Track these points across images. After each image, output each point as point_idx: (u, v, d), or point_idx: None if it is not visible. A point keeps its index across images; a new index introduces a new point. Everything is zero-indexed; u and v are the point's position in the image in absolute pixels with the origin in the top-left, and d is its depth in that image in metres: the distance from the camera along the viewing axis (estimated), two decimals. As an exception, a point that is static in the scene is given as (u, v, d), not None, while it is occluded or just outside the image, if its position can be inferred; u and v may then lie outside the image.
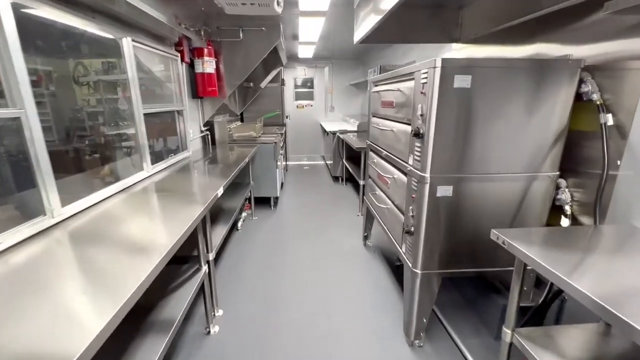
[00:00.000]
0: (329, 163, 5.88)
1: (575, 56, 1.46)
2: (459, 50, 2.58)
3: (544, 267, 0.92)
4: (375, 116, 2.36)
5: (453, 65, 1.31)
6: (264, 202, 4.03)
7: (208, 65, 2.99)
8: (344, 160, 4.79)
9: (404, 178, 1.73)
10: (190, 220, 1.36)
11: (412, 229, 1.59)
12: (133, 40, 1.98)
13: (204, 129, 3.48)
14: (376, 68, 3.88)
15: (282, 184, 4.74)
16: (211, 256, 1.87)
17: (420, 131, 1.46)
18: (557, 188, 1.52)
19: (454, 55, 2.64)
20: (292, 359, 1.69)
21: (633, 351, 1.10)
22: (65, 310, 0.80)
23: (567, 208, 1.49)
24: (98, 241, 1.18)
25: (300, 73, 6.59)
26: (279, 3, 2.39)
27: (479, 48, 2.29)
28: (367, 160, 2.59)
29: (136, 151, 2.08)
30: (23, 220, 1.20)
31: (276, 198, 4.04)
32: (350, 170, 4.28)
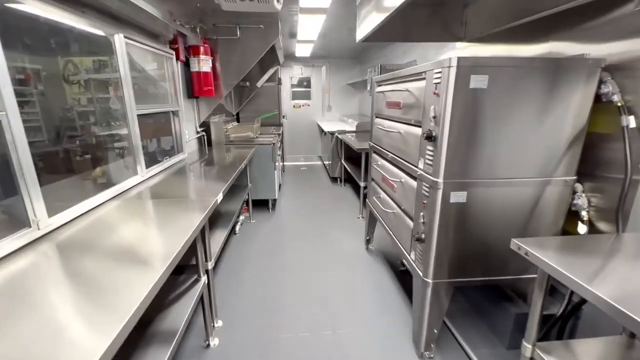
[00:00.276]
0: (326, 164, 5.80)
1: (591, 55, 1.40)
2: (462, 50, 2.52)
3: (577, 283, 0.85)
4: (379, 117, 2.29)
5: (469, 64, 1.24)
6: (261, 205, 3.93)
7: (204, 63, 2.88)
8: (343, 161, 4.71)
9: (413, 182, 1.66)
10: (191, 230, 1.27)
11: (423, 237, 1.52)
12: (125, 37, 1.87)
13: (200, 129, 3.37)
14: (376, 67, 3.80)
15: (280, 185, 4.65)
16: (210, 265, 1.77)
17: (433, 134, 1.38)
18: (573, 193, 1.46)
19: (458, 55, 2.58)
20: (297, 373, 1.61)
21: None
22: (60, 333, 0.72)
23: (584, 214, 1.43)
24: (91, 254, 1.08)
25: (297, 72, 6.50)
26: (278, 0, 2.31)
27: (484, 47, 2.23)
28: (370, 162, 2.52)
29: (129, 154, 1.97)
30: (4, 233, 1.09)
31: (274, 200, 3.95)
32: (350, 171, 4.20)
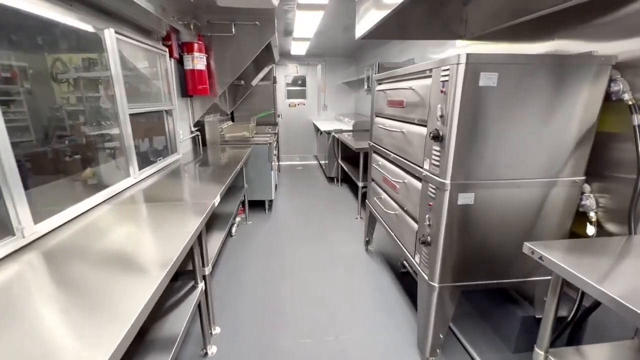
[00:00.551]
0: (322, 163, 5.74)
1: (600, 53, 1.37)
2: (463, 48, 2.49)
3: (599, 290, 0.81)
4: (380, 116, 2.24)
5: (479, 61, 1.20)
6: (258, 206, 3.86)
7: (198, 61, 2.79)
8: (340, 161, 4.66)
9: (417, 183, 1.61)
10: (188, 236, 1.20)
11: (429, 239, 1.47)
12: (116, 32, 1.78)
13: (194, 129, 3.28)
14: (374, 66, 3.76)
15: (276, 185, 4.57)
16: (207, 270, 1.70)
17: (440, 134, 1.34)
18: (581, 193, 1.43)
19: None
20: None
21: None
22: (50, 350, 0.66)
23: (592, 215, 1.40)
24: (81, 263, 1.01)
25: (292, 71, 6.42)
26: (276, -5, 2.24)
27: (485, 46, 2.20)
28: (370, 163, 2.47)
29: (121, 155, 1.89)
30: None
31: (271, 201, 3.88)
32: (347, 171, 4.15)
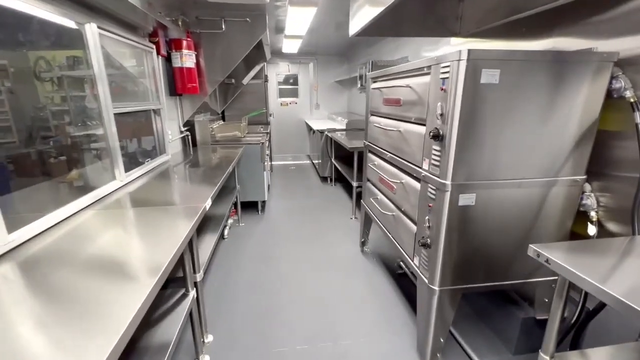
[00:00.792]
0: (315, 163, 5.68)
1: (600, 50, 1.35)
2: (458, 46, 2.46)
3: (611, 296, 0.77)
4: (375, 115, 2.19)
5: (480, 57, 1.15)
6: (250, 207, 3.78)
7: (187, 58, 2.70)
8: (333, 160, 4.61)
9: (416, 184, 1.57)
10: (178, 242, 1.13)
11: (429, 242, 1.43)
12: (99, 27, 1.69)
13: (183, 129, 3.18)
14: (367, 64, 3.71)
15: (269, 186, 4.50)
16: (199, 277, 1.63)
17: (440, 133, 1.29)
18: (582, 192, 1.41)
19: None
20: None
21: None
22: None
23: (593, 214, 1.38)
24: (61, 273, 0.93)
25: (284, 69, 6.34)
26: (267, -10, 2.17)
27: (481, 43, 2.16)
28: (366, 162, 2.43)
29: (106, 157, 1.80)
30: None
31: (263, 202, 3.80)
32: (341, 170, 4.11)
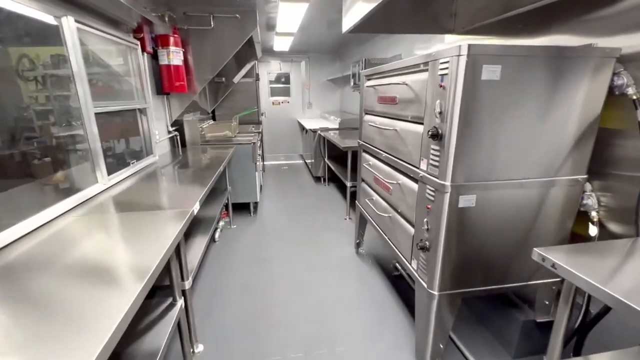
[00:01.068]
0: (308, 162, 5.61)
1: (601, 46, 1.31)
2: (452, 44, 2.42)
3: (629, 306, 0.73)
4: (370, 113, 2.14)
5: (481, 52, 1.10)
6: (242, 208, 3.69)
7: (174, 56, 2.60)
8: (326, 160, 4.54)
9: (413, 185, 1.52)
10: (163, 250, 1.06)
11: (428, 245, 1.38)
12: (77, 21, 1.59)
13: (172, 129, 3.07)
14: (360, 62, 3.66)
15: (261, 187, 4.41)
16: (187, 284, 1.55)
17: (439, 132, 1.24)
18: (582, 192, 1.38)
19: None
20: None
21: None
22: None
23: (594, 214, 1.35)
24: (37, 283, 0.84)
25: (275, 67, 6.24)
26: (257, -16, 2.09)
27: (476, 41, 2.13)
28: (360, 162, 2.37)
29: (87, 159, 1.69)
30: None
31: (256, 203, 3.72)
32: (335, 170, 4.05)
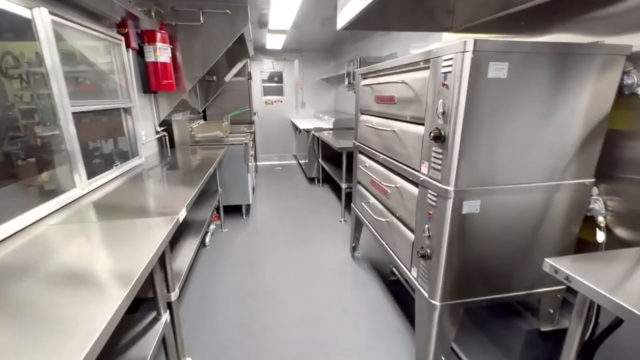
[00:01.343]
0: (302, 163, 5.52)
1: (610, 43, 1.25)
2: (450, 42, 2.35)
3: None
4: (366, 113, 2.06)
5: (488, 49, 1.03)
6: (234, 211, 3.59)
7: (162, 52, 2.48)
8: (321, 161, 4.46)
9: (413, 189, 1.44)
10: (145, 262, 0.96)
11: (429, 252, 1.31)
12: (52, 13, 1.47)
13: (159, 129, 2.95)
14: (355, 60, 3.58)
15: (254, 188, 4.31)
16: (174, 296, 1.45)
17: (442, 133, 1.17)
18: (589, 196, 1.32)
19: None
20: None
21: None
22: None
23: (601, 219, 1.29)
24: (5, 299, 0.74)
25: (268, 66, 6.14)
26: (248, -23, 1.99)
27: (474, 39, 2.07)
28: (356, 164, 2.29)
29: (65, 162, 1.58)
30: None
31: (248, 205, 3.62)
32: (329, 171, 3.97)
